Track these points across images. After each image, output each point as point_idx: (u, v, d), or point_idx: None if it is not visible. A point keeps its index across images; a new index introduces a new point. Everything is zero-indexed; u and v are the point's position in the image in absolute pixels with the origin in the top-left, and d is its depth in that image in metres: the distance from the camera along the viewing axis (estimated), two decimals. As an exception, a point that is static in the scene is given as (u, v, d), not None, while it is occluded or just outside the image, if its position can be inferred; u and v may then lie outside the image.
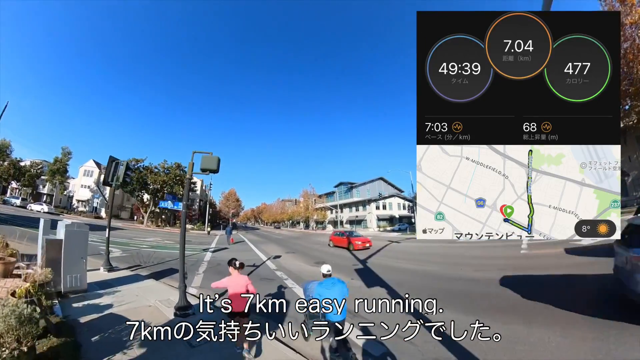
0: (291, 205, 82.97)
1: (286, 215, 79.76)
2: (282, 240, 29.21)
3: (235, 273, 4.24)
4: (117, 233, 21.15)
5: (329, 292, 3.86)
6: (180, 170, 42.26)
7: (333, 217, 63.74)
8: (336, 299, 3.70)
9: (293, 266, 11.78)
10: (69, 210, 43.29)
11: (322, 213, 61.21)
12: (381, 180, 57.71)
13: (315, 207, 61.67)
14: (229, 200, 66.25)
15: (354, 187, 59.35)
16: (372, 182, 57.83)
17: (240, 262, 4.35)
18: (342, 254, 15.84)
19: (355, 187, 59.16)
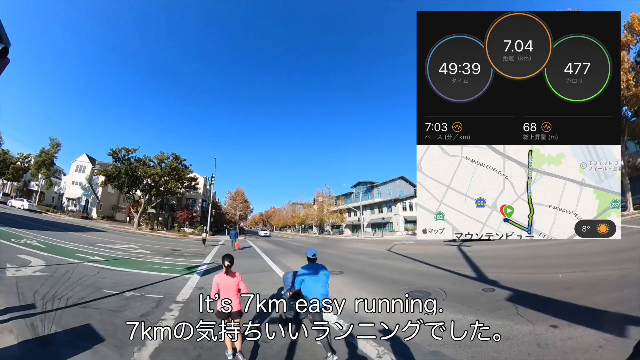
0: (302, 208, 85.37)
1: (298, 219, 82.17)
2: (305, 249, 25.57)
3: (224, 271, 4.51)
4: (85, 236, 19.49)
5: (314, 276, 4.58)
6: (179, 162, 41.12)
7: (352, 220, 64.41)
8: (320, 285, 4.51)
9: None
10: (56, 209, 45.19)
11: (341, 216, 61.89)
12: (402, 179, 58.52)
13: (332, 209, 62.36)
14: (236, 200, 66.43)
15: (375, 187, 59.65)
16: (393, 181, 58.55)
17: (230, 259, 4.56)
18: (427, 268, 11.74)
19: (376, 187, 59.51)
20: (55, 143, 45.82)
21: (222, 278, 4.54)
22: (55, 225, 23.23)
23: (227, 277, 4.52)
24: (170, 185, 39.33)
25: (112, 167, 38.72)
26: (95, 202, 47.23)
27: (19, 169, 44.44)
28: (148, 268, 11.08)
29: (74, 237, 17.64)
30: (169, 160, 40.88)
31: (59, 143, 46.27)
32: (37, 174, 45.04)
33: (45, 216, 33.60)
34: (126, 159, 39.01)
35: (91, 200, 47.23)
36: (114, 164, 38.80)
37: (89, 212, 45.87)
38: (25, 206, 34.91)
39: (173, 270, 11.18)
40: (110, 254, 13.45)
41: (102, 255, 12.74)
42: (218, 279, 4.56)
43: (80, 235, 19.68)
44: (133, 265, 11.30)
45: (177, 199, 50.97)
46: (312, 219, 71.35)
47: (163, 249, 18.51)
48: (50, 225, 22.47)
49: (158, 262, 13.04)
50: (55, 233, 18.10)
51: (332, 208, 62.16)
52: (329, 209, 61.05)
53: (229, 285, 4.48)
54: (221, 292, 4.49)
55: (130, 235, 27.74)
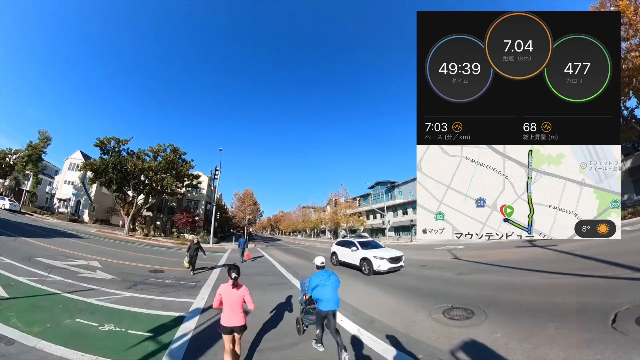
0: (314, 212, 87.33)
1: (310, 224, 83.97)
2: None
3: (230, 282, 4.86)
4: (43, 244, 17.51)
5: (326, 282, 5.68)
6: (177, 155, 39.18)
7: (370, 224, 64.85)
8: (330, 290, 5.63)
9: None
10: (46, 211, 46.34)
11: (360, 220, 62.47)
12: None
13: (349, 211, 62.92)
14: (245, 203, 65.89)
15: (396, 187, 59.89)
16: (414, 180, 58.42)
17: (237, 271, 4.89)
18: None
19: (397, 187, 59.70)
20: (45, 137, 46.61)
21: (227, 290, 4.87)
22: (15, 229, 21.81)
23: (232, 290, 4.85)
24: (166, 183, 37.11)
25: (99, 160, 36.46)
26: (87, 203, 47.70)
27: (6, 165, 45.00)
28: (63, 332, 6.13)
29: (19, 246, 15.57)
30: (166, 153, 38.62)
31: (49, 137, 47.09)
32: (24, 171, 45.18)
33: (26, 218, 33.90)
34: (116, 151, 37.03)
35: (83, 202, 47.94)
36: (101, 157, 36.75)
37: (81, 215, 46.66)
38: (7, 206, 35.76)
39: (118, 340, 6.02)
40: (29, 283, 9.33)
41: (11, 287, 8.73)
42: (222, 289, 4.87)
43: (36, 242, 17.67)
44: (38, 321, 6.55)
45: (177, 201, 50.20)
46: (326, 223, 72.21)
47: (138, 270, 13.80)
48: (8, 229, 21.11)
49: (105, 307, 8.02)
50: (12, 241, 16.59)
51: (349, 211, 62.67)
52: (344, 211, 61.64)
53: (233, 298, 4.81)
54: (224, 304, 4.82)
55: (113, 243, 24.13)
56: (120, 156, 36.76)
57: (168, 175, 37.65)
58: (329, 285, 5.72)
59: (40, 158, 46.72)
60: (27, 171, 45.58)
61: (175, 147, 39.80)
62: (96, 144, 36.38)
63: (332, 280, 5.79)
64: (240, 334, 4.84)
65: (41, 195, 52.07)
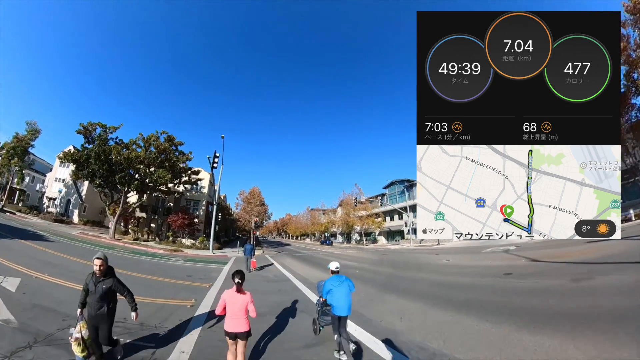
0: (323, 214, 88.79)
1: (320, 227, 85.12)
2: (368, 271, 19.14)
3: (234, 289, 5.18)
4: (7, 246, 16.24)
5: (339, 287, 6.26)
6: (171, 144, 36.33)
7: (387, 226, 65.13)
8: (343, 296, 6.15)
9: None
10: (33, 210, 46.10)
11: (378, 222, 62.72)
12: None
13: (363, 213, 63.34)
14: (251, 203, 64.77)
15: (414, 186, 59.94)
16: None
17: (240, 276, 5.22)
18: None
19: (415, 186, 59.60)
20: (34, 129, 46.37)
21: (231, 295, 5.19)
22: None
23: (237, 295, 5.16)
24: (157, 176, 34.06)
25: (81, 149, 34.23)
26: (77, 202, 47.63)
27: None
28: None
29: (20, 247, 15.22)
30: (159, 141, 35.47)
31: (38, 129, 46.92)
32: (9, 165, 44.49)
33: (5, 217, 34.10)
34: (103, 139, 34.18)
35: (73, 201, 48.12)
36: (83, 146, 34.33)
37: (70, 215, 46.71)
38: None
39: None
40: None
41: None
42: (226, 295, 5.19)
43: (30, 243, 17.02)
44: None
45: (175, 200, 48.31)
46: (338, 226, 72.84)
47: (69, 300, 8.08)
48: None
49: None
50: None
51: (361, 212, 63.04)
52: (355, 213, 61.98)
53: (237, 303, 5.11)
54: (228, 310, 5.13)
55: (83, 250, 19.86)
56: (105, 145, 33.94)
57: (161, 168, 34.80)
58: (341, 290, 6.27)
59: (27, 151, 46.54)
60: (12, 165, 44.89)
61: (171, 135, 36.67)
62: (79, 130, 33.59)
63: (344, 285, 6.35)
64: (244, 340, 5.09)
65: (33, 194, 52.20)
